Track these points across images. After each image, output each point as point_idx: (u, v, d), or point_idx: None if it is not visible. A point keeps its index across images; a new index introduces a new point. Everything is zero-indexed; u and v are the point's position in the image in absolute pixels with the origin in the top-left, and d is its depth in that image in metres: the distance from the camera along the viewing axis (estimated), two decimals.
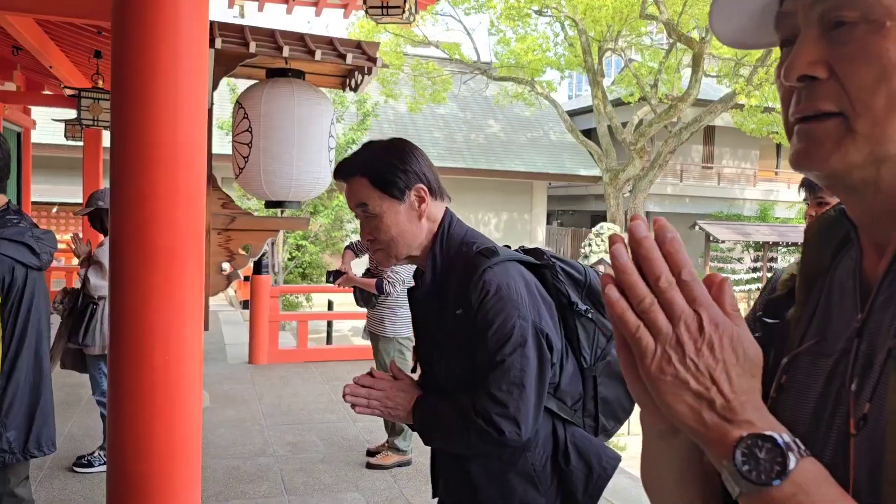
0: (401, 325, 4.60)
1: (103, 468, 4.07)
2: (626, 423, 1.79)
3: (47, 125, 13.04)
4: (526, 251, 1.76)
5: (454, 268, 1.64)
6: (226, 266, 5.57)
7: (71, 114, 10.36)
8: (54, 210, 15.45)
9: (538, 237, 21.75)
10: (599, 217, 18.42)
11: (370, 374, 1.69)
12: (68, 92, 7.22)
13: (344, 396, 1.64)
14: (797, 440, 0.61)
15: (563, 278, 1.73)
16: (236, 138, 5.12)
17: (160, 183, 2.85)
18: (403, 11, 4.33)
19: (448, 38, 19.28)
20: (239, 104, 5.09)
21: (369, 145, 1.74)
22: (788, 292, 0.80)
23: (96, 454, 4.17)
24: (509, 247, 1.73)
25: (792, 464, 0.58)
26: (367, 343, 4.94)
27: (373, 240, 1.69)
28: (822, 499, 0.58)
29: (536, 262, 1.72)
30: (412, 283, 4.90)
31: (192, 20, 2.95)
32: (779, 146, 21.48)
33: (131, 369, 2.85)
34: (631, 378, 0.66)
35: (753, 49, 0.81)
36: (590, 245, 10.78)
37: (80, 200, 15.05)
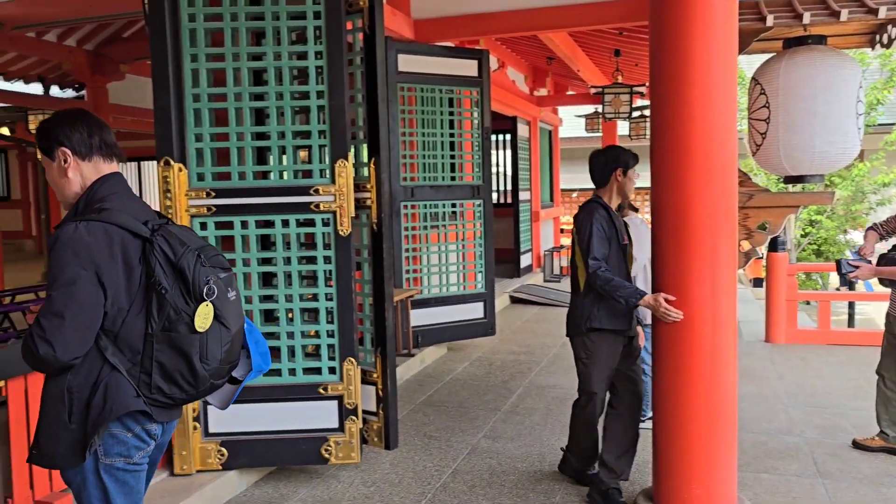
0: None
1: (640, 425, 4.57)
2: None
3: (569, 121, 14.74)
4: (158, 225, 1.99)
5: None
6: (744, 244, 5.62)
7: (589, 109, 11.59)
8: (574, 195, 17.41)
9: None
10: None
11: None
12: (593, 90, 8.08)
13: None
14: None
15: (158, 255, 1.93)
16: (752, 115, 5.08)
17: (697, 165, 3.08)
18: None
19: None
20: (755, 80, 5.03)
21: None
22: None
23: None
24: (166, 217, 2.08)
25: None
26: None
27: None
28: None
29: (145, 234, 1.94)
30: None
31: (723, 4, 3.10)
32: None
33: (674, 340, 3.18)
34: None
35: None
36: None
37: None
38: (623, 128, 11.83)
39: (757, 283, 11.80)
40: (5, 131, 10.72)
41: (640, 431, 3.74)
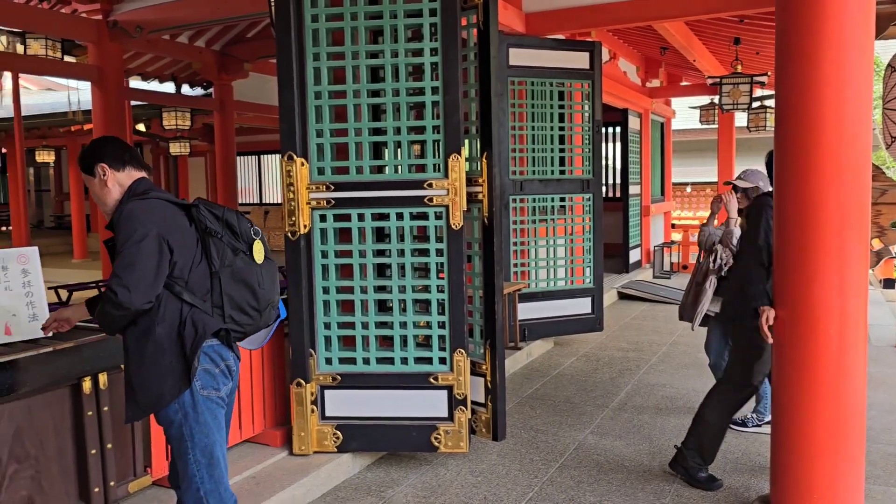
0: None
1: (756, 430, 4.40)
2: None
3: (682, 113, 14.25)
4: (190, 202, 2.44)
5: None
6: (875, 242, 5.27)
7: (704, 100, 11.17)
8: (688, 189, 16.83)
9: None
10: None
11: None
12: (710, 81, 7.78)
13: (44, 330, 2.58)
14: None
15: (205, 214, 2.38)
16: (888, 105, 4.78)
17: (826, 158, 2.93)
18: None
19: None
20: (892, 67, 4.72)
21: None
22: None
23: (749, 416, 4.54)
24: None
25: None
26: None
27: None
28: None
29: (186, 203, 2.42)
30: None
31: None
32: None
33: (797, 342, 3.04)
34: None
35: None
36: None
37: (709, 180, 16.07)
38: (741, 119, 11.34)
39: (888, 284, 11.02)
40: (141, 127, 11.51)
41: (757, 436, 3.61)
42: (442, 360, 3.76)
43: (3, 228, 19.44)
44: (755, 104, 8.88)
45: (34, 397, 2.68)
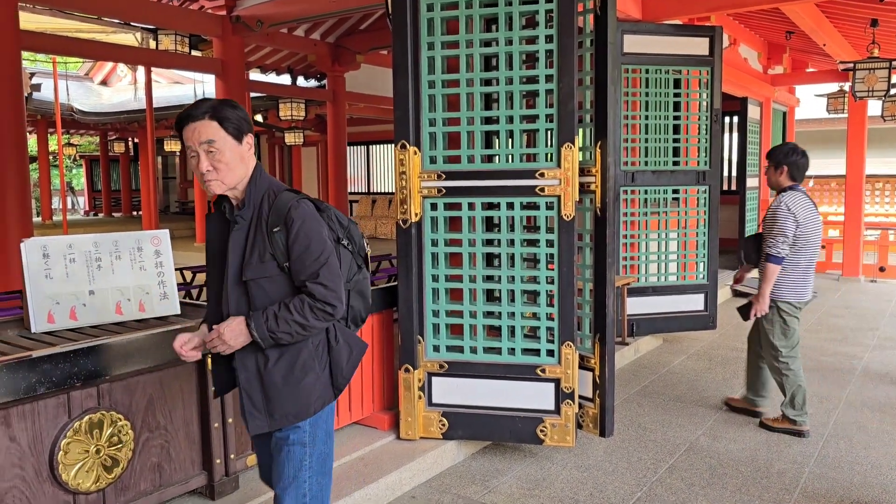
0: None
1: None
2: None
3: (807, 101, 13.42)
4: (318, 204, 2.22)
5: (266, 201, 2.15)
6: None
7: (831, 88, 10.47)
8: (811, 183, 15.87)
9: None
10: None
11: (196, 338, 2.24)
12: (842, 66, 7.28)
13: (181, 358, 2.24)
14: None
15: (335, 221, 2.23)
16: None
17: None
18: None
19: None
20: None
21: (207, 100, 2.17)
22: None
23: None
24: None
25: None
26: None
27: (210, 170, 2.10)
28: None
29: (319, 207, 2.21)
30: None
31: None
32: None
33: None
34: None
35: None
36: None
37: (834, 172, 15.06)
38: (874, 107, 10.56)
39: None
40: (259, 118, 12.02)
41: None
42: (550, 353, 3.71)
43: (135, 213, 20.85)
44: (893, 91, 8.24)
45: (165, 370, 2.85)
